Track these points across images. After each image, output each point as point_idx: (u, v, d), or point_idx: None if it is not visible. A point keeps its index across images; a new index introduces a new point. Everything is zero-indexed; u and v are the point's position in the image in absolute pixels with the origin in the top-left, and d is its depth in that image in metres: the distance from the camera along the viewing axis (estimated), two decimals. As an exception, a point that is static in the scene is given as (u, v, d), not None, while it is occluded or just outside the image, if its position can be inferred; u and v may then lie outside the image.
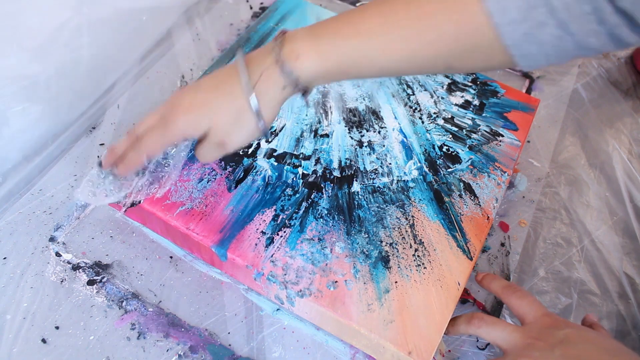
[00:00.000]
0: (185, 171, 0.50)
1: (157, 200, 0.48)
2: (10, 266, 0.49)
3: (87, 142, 0.58)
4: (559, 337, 0.39)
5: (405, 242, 0.48)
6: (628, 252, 0.56)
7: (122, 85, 0.63)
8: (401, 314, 0.44)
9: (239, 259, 0.46)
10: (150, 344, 0.46)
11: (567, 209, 0.59)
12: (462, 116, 0.58)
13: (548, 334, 0.39)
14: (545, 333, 0.40)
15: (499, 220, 0.57)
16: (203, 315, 0.48)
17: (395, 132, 0.56)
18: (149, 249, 0.51)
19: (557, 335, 0.39)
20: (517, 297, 0.43)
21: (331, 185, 0.51)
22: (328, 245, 0.47)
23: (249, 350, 0.46)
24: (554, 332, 0.39)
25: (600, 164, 0.63)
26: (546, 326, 0.40)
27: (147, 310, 0.48)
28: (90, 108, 0.61)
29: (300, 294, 0.44)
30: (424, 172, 0.53)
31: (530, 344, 0.39)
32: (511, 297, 0.44)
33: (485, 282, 0.47)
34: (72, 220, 0.52)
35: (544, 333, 0.40)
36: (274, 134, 0.54)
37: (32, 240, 0.51)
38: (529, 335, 0.40)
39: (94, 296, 0.48)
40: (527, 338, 0.40)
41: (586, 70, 0.74)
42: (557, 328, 0.40)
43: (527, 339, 0.40)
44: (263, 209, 0.49)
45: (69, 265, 0.49)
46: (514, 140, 0.57)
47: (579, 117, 0.68)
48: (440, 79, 0.62)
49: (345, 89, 0.60)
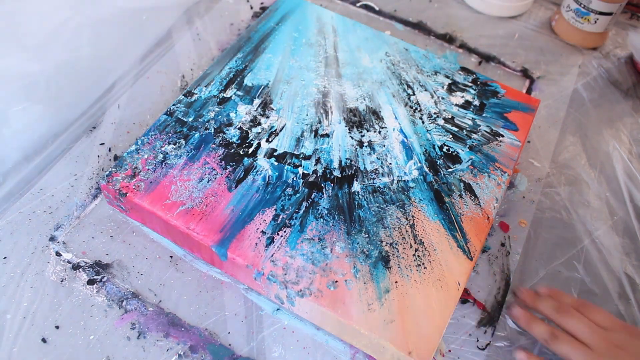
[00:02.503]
0: (186, 171, 0.50)
1: (158, 199, 0.48)
2: (11, 266, 0.49)
3: (88, 141, 0.58)
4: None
5: (405, 242, 0.48)
6: (628, 252, 0.56)
7: (122, 85, 0.63)
8: (401, 313, 0.44)
9: (239, 259, 0.46)
10: (151, 344, 0.46)
11: (567, 209, 0.59)
12: (463, 116, 0.58)
13: (632, 345, 0.41)
14: (630, 342, 0.41)
15: (499, 221, 0.57)
16: (203, 314, 0.48)
17: (395, 132, 0.56)
18: (149, 248, 0.51)
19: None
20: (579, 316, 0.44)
21: (331, 185, 0.51)
22: (328, 245, 0.47)
23: (249, 350, 0.46)
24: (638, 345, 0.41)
25: (600, 164, 0.63)
26: (630, 336, 0.42)
27: (147, 309, 0.48)
28: (90, 108, 0.61)
29: (301, 294, 0.44)
30: (424, 172, 0.53)
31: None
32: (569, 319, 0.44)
33: (530, 301, 0.48)
34: (72, 220, 0.52)
35: (628, 342, 0.41)
36: (274, 134, 0.54)
37: (32, 239, 0.51)
38: (614, 344, 0.41)
39: (94, 296, 0.48)
40: (614, 346, 0.41)
41: (586, 70, 0.74)
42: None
43: (614, 347, 0.41)
44: (263, 209, 0.49)
45: (69, 265, 0.49)
46: (514, 141, 0.57)
47: (579, 117, 0.68)
48: (440, 79, 0.62)
49: (346, 88, 0.60)
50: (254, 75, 0.59)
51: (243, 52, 0.61)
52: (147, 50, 0.67)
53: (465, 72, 0.63)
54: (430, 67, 0.63)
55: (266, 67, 0.60)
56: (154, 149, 0.52)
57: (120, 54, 0.64)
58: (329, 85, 0.60)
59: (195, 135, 0.53)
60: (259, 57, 0.61)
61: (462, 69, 0.63)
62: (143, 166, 0.50)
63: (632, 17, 0.83)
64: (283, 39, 0.64)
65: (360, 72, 0.61)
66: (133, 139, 0.59)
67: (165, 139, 0.52)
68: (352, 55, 0.63)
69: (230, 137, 0.53)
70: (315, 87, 0.59)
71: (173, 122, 0.54)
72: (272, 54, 0.62)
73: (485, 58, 0.73)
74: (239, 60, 0.60)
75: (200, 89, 0.57)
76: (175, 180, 0.50)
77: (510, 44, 0.75)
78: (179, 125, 0.54)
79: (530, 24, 0.79)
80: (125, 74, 0.64)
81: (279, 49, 0.62)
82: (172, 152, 0.52)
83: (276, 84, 0.59)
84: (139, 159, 0.51)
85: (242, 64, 0.60)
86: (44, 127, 0.57)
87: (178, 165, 0.51)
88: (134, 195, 0.48)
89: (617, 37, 0.79)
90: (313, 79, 0.60)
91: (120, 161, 0.50)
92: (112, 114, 0.60)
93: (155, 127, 0.53)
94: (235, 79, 0.59)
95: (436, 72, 0.62)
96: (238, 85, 0.58)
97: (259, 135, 0.54)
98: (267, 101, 0.57)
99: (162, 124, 0.54)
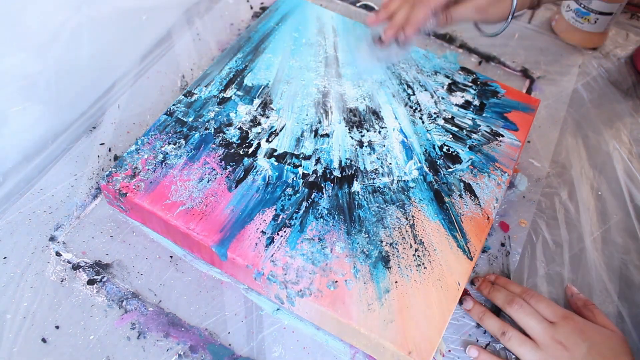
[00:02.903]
0: (186, 171, 0.50)
1: (158, 199, 0.48)
2: (11, 266, 0.49)
3: (88, 141, 0.58)
4: (584, 349, 0.44)
5: (405, 242, 0.48)
6: (628, 252, 0.56)
7: (122, 85, 0.63)
8: (401, 313, 0.44)
9: (239, 259, 0.46)
10: (151, 344, 0.46)
11: (567, 209, 0.59)
12: (463, 116, 0.58)
13: (574, 343, 0.44)
14: (572, 340, 0.45)
15: (499, 220, 0.57)
16: (203, 314, 0.48)
17: (395, 132, 0.56)
18: (149, 248, 0.51)
19: (582, 347, 0.44)
20: (529, 306, 0.47)
21: (331, 185, 0.51)
22: (328, 245, 0.47)
23: (249, 350, 0.46)
24: (580, 343, 0.44)
25: (600, 164, 0.63)
26: (572, 331, 0.45)
27: (147, 309, 0.48)
28: (90, 108, 0.61)
29: (301, 294, 0.44)
30: (424, 172, 0.53)
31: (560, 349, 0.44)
32: (518, 312, 0.47)
33: (486, 293, 0.51)
34: (72, 220, 0.52)
35: (571, 339, 0.44)
36: (274, 134, 0.54)
37: (32, 239, 0.51)
38: (558, 340, 0.45)
39: (94, 296, 0.48)
40: (557, 342, 0.44)
41: (586, 70, 0.74)
42: (583, 334, 0.45)
43: (557, 343, 0.44)
44: (263, 209, 0.49)
45: (69, 265, 0.49)
46: (514, 141, 0.57)
47: (579, 117, 0.68)
48: (440, 79, 0.62)
49: (346, 88, 0.60)
50: (254, 75, 0.59)
51: (243, 52, 0.61)
52: (147, 50, 0.67)
53: (465, 72, 0.63)
54: (430, 67, 0.63)
55: (266, 67, 0.60)
56: (154, 149, 0.52)
57: (120, 54, 0.64)
58: (329, 85, 0.60)
59: (195, 135, 0.53)
60: (259, 57, 0.61)
61: (462, 68, 0.63)
62: (143, 166, 0.50)
63: (632, 17, 0.83)
64: (283, 39, 0.64)
65: (360, 72, 0.61)
66: (133, 139, 0.59)
67: (165, 139, 0.52)
68: (352, 55, 0.63)
69: (230, 137, 0.53)
70: (315, 87, 0.59)
71: (173, 122, 0.54)
72: (272, 54, 0.62)
73: (485, 58, 0.73)
74: (239, 60, 0.60)
75: (200, 89, 0.57)
76: (175, 180, 0.50)
77: (510, 44, 0.75)
78: (179, 125, 0.54)
79: (531, 24, 0.79)
80: (125, 74, 0.64)
81: (279, 49, 0.62)
82: (172, 152, 0.52)
83: (276, 84, 0.59)
84: (139, 159, 0.51)
85: (242, 64, 0.60)
86: (43, 127, 0.57)
87: (178, 165, 0.51)
88: (134, 195, 0.48)
89: (617, 37, 0.79)
90: (313, 79, 0.60)
91: (120, 161, 0.50)
92: (112, 114, 0.60)
93: (155, 127, 0.53)
94: (235, 79, 0.59)
95: (436, 72, 0.62)
96: (238, 85, 0.58)
97: (259, 135, 0.54)
98: (267, 101, 0.57)
99: (162, 124, 0.54)
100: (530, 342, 0.46)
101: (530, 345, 0.45)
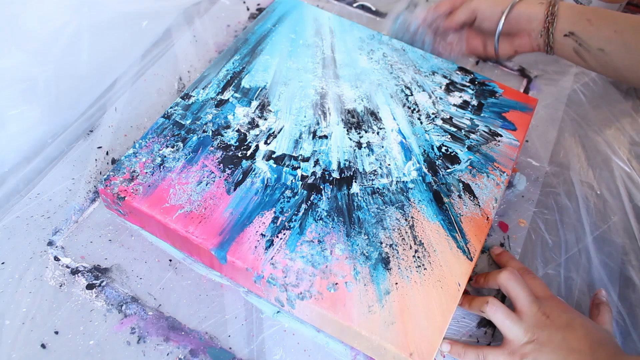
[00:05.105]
0: (184, 174, 0.50)
1: (156, 203, 0.48)
2: (9, 271, 0.48)
3: (85, 145, 0.58)
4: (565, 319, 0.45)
5: (405, 243, 0.48)
6: (628, 252, 0.56)
7: (119, 88, 0.63)
8: (402, 315, 0.44)
9: (238, 262, 0.46)
10: (151, 348, 0.46)
11: (567, 208, 0.59)
12: (461, 116, 0.58)
13: (557, 316, 0.45)
14: (556, 313, 0.45)
15: (498, 220, 0.57)
16: (203, 318, 0.48)
17: (394, 133, 0.56)
18: (148, 252, 0.51)
19: (564, 318, 0.45)
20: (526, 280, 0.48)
21: (330, 186, 0.51)
22: (328, 247, 0.47)
23: (249, 353, 0.46)
24: (562, 315, 0.45)
25: (600, 164, 0.63)
26: (557, 306, 0.46)
27: (147, 313, 0.47)
28: (87, 110, 0.60)
29: (301, 296, 0.44)
30: (423, 173, 0.53)
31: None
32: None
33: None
34: (71, 224, 0.52)
35: (555, 312, 0.45)
36: (272, 136, 0.54)
37: (30, 244, 0.50)
38: (542, 311, 0.45)
39: (93, 300, 0.48)
40: (541, 313, 0.45)
41: (585, 70, 0.73)
42: (568, 311, 0.46)
43: (541, 314, 0.45)
44: (262, 211, 0.48)
45: (67, 270, 0.49)
46: (512, 140, 0.57)
47: (577, 117, 0.68)
48: (438, 80, 0.62)
49: (344, 90, 0.59)
50: (251, 77, 0.59)
51: (240, 54, 0.61)
52: (144, 52, 0.67)
53: (463, 72, 0.63)
54: (427, 67, 0.63)
55: (263, 69, 0.60)
56: (151, 152, 0.51)
57: (118, 56, 0.64)
58: (326, 87, 0.60)
59: (193, 138, 0.53)
60: (256, 59, 0.61)
61: (459, 68, 0.63)
62: (141, 169, 0.50)
63: (629, 15, 0.83)
64: (280, 40, 0.64)
65: (357, 73, 0.61)
66: (130, 142, 0.58)
67: (163, 142, 0.52)
68: (350, 56, 0.63)
69: (229, 139, 0.53)
70: (313, 88, 0.59)
71: (171, 125, 0.54)
72: (269, 55, 0.62)
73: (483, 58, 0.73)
74: (236, 62, 0.60)
75: (198, 92, 0.57)
76: (173, 183, 0.49)
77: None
78: (177, 128, 0.53)
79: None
80: (123, 76, 0.64)
81: (276, 51, 0.62)
82: (170, 155, 0.51)
83: (274, 85, 0.59)
84: (137, 163, 0.50)
85: (240, 66, 0.60)
86: (41, 129, 0.57)
87: (176, 168, 0.50)
88: (132, 199, 0.48)
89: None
90: (310, 80, 0.60)
91: (118, 165, 0.50)
92: (109, 117, 0.60)
93: (153, 130, 0.53)
94: (232, 81, 0.58)
95: (434, 72, 0.62)
96: (235, 87, 0.58)
97: (257, 138, 0.54)
98: (264, 103, 0.57)
99: (159, 127, 0.53)
100: (515, 315, 0.45)
101: (516, 317, 0.45)
